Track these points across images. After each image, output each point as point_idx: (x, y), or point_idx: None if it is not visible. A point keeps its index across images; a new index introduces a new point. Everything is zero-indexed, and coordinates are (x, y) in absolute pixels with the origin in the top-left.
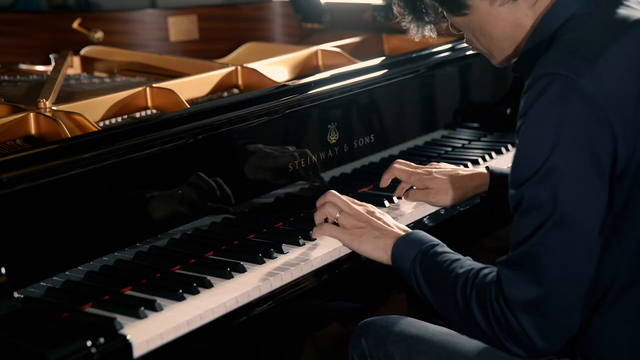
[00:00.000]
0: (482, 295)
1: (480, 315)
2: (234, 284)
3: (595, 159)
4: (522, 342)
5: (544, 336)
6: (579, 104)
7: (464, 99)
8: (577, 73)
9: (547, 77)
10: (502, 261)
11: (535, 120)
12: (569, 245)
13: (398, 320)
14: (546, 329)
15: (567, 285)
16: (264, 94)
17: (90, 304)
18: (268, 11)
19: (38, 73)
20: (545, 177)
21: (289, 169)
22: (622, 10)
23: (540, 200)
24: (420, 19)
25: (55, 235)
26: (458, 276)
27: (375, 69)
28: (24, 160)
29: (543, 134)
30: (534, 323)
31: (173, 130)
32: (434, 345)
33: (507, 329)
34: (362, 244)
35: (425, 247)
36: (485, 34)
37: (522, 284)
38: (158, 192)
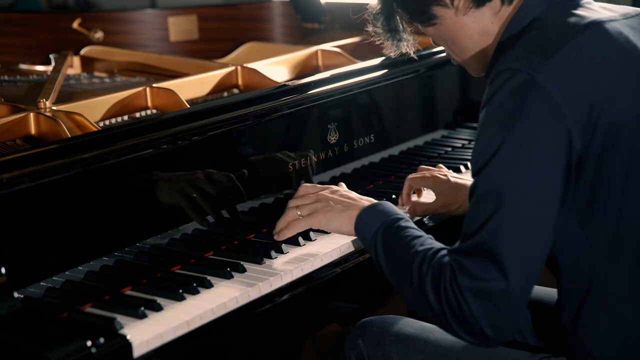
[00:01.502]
0: (436, 277)
1: (433, 296)
2: (234, 283)
3: (547, 152)
4: (471, 329)
5: (493, 325)
6: (534, 98)
7: (464, 99)
8: (533, 68)
9: (507, 72)
10: (455, 249)
11: (492, 112)
12: (522, 239)
13: (395, 320)
14: (496, 319)
15: (522, 282)
16: (264, 94)
17: (90, 304)
18: (268, 11)
19: (38, 73)
20: (496, 168)
21: (289, 169)
22: (582, 12)
23: (490, 190)
24: (395, 37)
25: (55, 235)
26: (417, 253)
27: (375, 69)
28: (24, 160)
29: (497, 126)
30: (485, 312)
31: (173, 130)
32: (431, 345)
33: (459, 313)
34: (329, 221)
35: (390, 219)
36: (456, 44)
37: (475, 272)
38: (158, 192)
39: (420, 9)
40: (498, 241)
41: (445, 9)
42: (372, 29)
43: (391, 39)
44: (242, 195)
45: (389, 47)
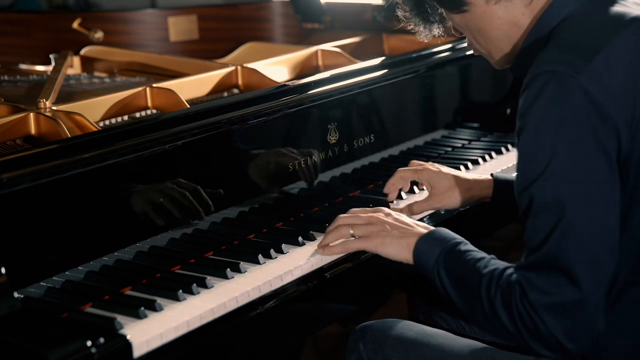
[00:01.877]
0: (507, 297)
1: (506, 316)
2: (234, 284)
3: (601, 153)
4: (549, 344)
5: (572, 338)
6: (578, 100)
7: (464, 99)
8: (575, 70)
9: (545, 76)
10: (522, 265)
11: (536, 121)
12: (589, 245)
13: (396, 324)
14: (573, 330)
15: (597, 288)
16: (264, 94)
17: (90, 304)
18: (268, 11)
19: (38, 73)
20: (551, 177)
21: (289, 169)
22: (618, 9)
23: (549, 200)
24: (426, 20)
25: (55, 235)
26: (482, 276)
27: (375, 69)
28: (24, 160)
29: (544, 136)
30: (561, 325)
31: (173, 130)
32: (433, 349)
33: (534, 331)
34: (386, 246)
35: (449, 245)
36: (483, 34)
37: (547, 287)
38: (158, 192)
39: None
40: (564, 252)
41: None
42: (401, 13)
43: (422, 23)
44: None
45: (421, 32)
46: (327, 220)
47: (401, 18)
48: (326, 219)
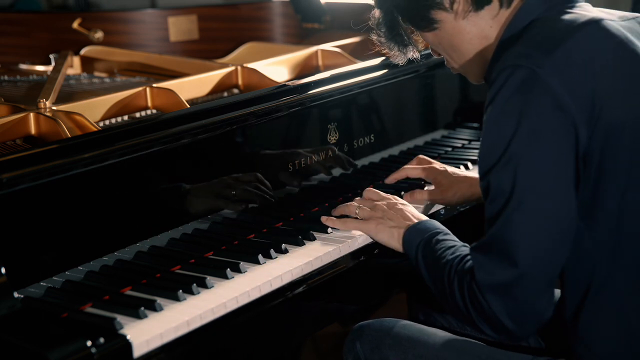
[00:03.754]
0: (461, 281)
1: (460, 299)
2: (233, 284)
3: (556, 145)
4: (494, 325)
5: (514, 319)
6: (539, 92)
7: (464, 99)
8: (536, 64)
9: (509, 69)
10: (473, 247)
11: (497, 110)
12: (533, 229)
13: (393, 324)
14: (515, 311)
15: (534, 269)
16: (264, 94)
17: (90, 304)
18: (268, 11)
19: (38, 73)
20: (506, 164)
21: (288, 169)
22: (579, 11)
23: (502, 187)
24: (400, 43)
25: (55, 235)
26: (446, 263)
27: (375, 69)
28: (24, 160)
29: (504, 123)
30: (503, 306)
31: (173, 130)
32: (430, 348)
33: (480, 311)
34: (379, 233)
35: (428, 235)
36: (456, 50)
37: (490, 268)
38: (158, 192)
39: (420, 14)
40: (508, 233)
41: (445, 12)
42: (376, 38)
43: (396, 46)
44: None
45: (396, 56)
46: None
47: (376, 42)
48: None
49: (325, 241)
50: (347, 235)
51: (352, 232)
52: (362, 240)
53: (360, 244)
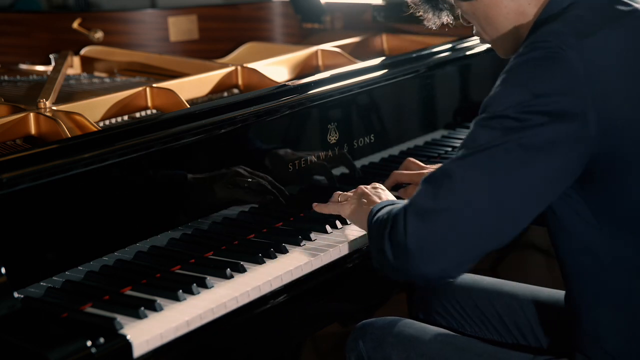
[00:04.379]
0: (391, 211)
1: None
2: (234, 284)
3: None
4: (397, 245)
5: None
6: (559, 72)
7: (464, 99)
8: (566, 44)
9: (539, 44)
10: (427, 175)
11: (513, 72)
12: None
13: (396, 322)
14: (424, 239)
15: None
16: (264, 94)
17: (90, 304)
18: (268, 11)
19: (38, 73)
20: (493, 122)
21: (288, 169)
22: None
23: (477, 138)
24: (435, 7)
25: (55, 235)
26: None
27: (375, 69)
28: (24, 160)
29: (510, 88)
30: (417, 229)
31: (173, 130)
32: (432, 347)
33: (393, 228)
34: (352, 213)
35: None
36: (490, 22)
37: (427, 193)
38: (158, 192)
39: None
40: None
41: None
42: (411, 0)
43: (432, 10)
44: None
45: (429, 19)
46: (327, 221)
47: (410, 4)
48: (326, 219)
49: (325, 241)
50: (347, 235)
51: (351, 233)
52: (362, 240)
53: (360, 244)
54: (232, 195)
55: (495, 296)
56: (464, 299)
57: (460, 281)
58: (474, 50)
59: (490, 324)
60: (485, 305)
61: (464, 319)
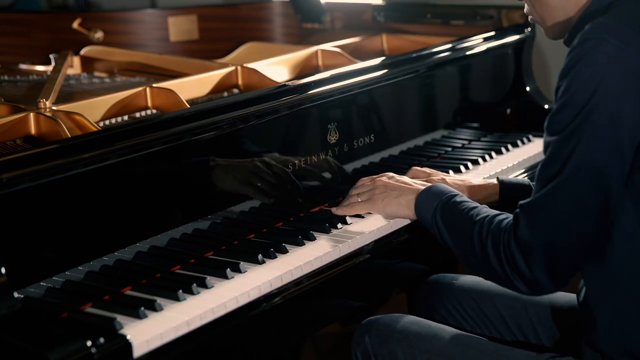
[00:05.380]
0: (496, 239)
1: (495, 257)
2: (234, 284)
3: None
4: (528, 281)
5: (549, 277)
6: (619, 72)
7: (464, 99)
8: (623, 41)
9: (595, 41)
10: (521, 204)
11: (577, 79)
12: (575, 199)
13: (401, 319)
14: (551, 270)
15: (569, 234)
16: (264, 94)
17: (90, 304)
18: (268, 11)
19: (38, 73)
20: (570, 135)
21: (288, 169)
22: None
23: (559, 155)
24: None
25: (55, 235)
26: (475, 223)
27: (375, 69)
28: (24, 160)
29: (579, 94)
30: (540, 264)
31: (173, 130)
32: (436, 344)
33: (515, 268)
34: (387, 206)
35: (445, 197)
36: (542, 2)
37: (530, 227)
38: (158, 192)
39: None
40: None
41: None
42: None
43: None
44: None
45: None
46: (327, 220)
47: None
48: (326, 219)
49: (325, 241)
50: (347, 235)
51: (352, 233)
52: (362, 239)
53: (360, 244)
54: (234, 193)
55: (498, 297)
56: (466, 300)
57: (463, 282)
58: (474, 50)
59: (491, 325)
60: (488, 306)
61: (465, 319)
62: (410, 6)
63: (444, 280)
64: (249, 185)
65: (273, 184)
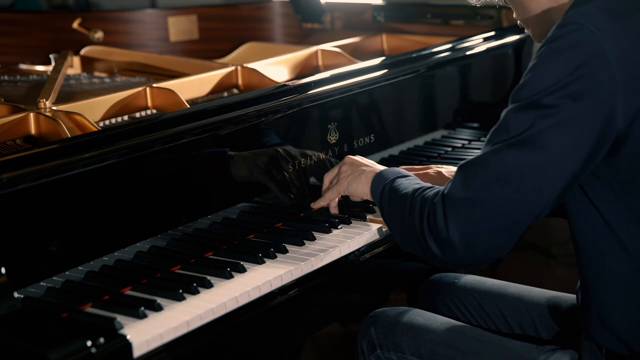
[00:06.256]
0: (424, 201)
1: (418, 216)
2: (234, 284)
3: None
4: (441, 240)
5: (463, 238)
6: (591, 56)
7: (464, 99)
8: (598, 27)
9: (571, 26)
10: (460, 164)
11: (547, 56)
12: (516, 167)
13: (406, 311)
14: (468, 232)
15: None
16: (264, 94)
17: (90, 304)
18: (268, 11)
19: (38, 73)
20: (529, 107)
21: (289, 169)
22: None
23: (513, 125)
24: None
25: (55, 235)
26: (411, 192)
27: (375, 69)
28: (24, 160)
29: (547, 72)
30: (459, 222)
31: (173, 130)
32: (440, 335)
33: (434, 224)
34: (350, 184)
35: (396, 175)
36: (524, 8)
37: (462, 184)
38: (158, 192)
39: None
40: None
41: None
42: None
43: None
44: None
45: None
46: (327, 220)
47: None
48: (326, 219)
49: (325, 241)
50: (347, 235)
51: (352, 233)
52: (361, 240)
53: (360, 244)
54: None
55: (500, 297)
56: (468, 299)
57: (465, 282)
58: (474, 50)
59: (492, 323)
60: (489, 305)
61: (467, 317)
62: (410, 6)
63: (445, 280)
64: (249, 185)
65: (273, 184)
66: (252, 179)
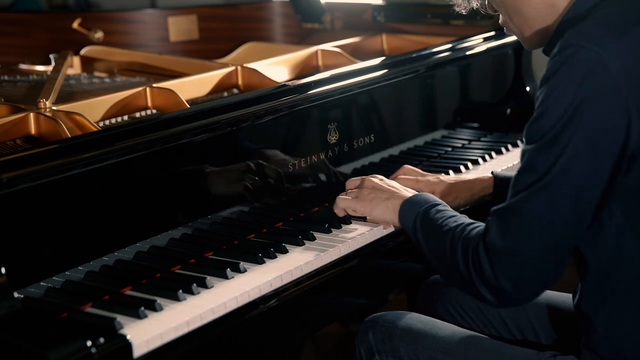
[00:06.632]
0: (466, 245)
1: (463, 262)
2: (234, 284)
3: (603, 135)
4: (493, 288)
5: (513, 283)
6: (600, 78)
7: (464, 99)
8: (601, 47)
9: (574, 47)
10: (493, 210)
11: (556, 87)
12: (550, 208)
13: (405, 316)
14: (516, 278)
15: (541, 244)
16: (264, 94)
17: (90, 304)
18: (268, 11)
19: (38, 73)
20: (549, 144)
21: (289, 169)
22: None
23: (537, 165)
24: None
25: (55, 235)
26: (449, 230)
27: (375, 69)
28: (24, 160)
29: (558, 103)
30: (506, 271)
31: (173, 130)
32: (439, 340)
33: (481, 274)
34: (375, 208)
35: (426, 205)
36: (518, 12)
37: (499, 233)
38: (158, 192)
39: None
40: (526, 208)
41: None
42: None
43: None
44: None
45: (459, 4)
46: (327, 220)
47: None
48: (326, 219)
49: (325, 241)
50: (347, 235)
51: (352, 233)
52: (362, 240)
53: (360, 244)
54: (234, 193)
55: None
56: (466, 301)
57: None
58: (474, 50)
59: (491, 325)
60: (487, 306)
61: (465, 319)
62: (410, 6)
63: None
64: (249, 185)
65: (272, 184)
66: (252, 179)
